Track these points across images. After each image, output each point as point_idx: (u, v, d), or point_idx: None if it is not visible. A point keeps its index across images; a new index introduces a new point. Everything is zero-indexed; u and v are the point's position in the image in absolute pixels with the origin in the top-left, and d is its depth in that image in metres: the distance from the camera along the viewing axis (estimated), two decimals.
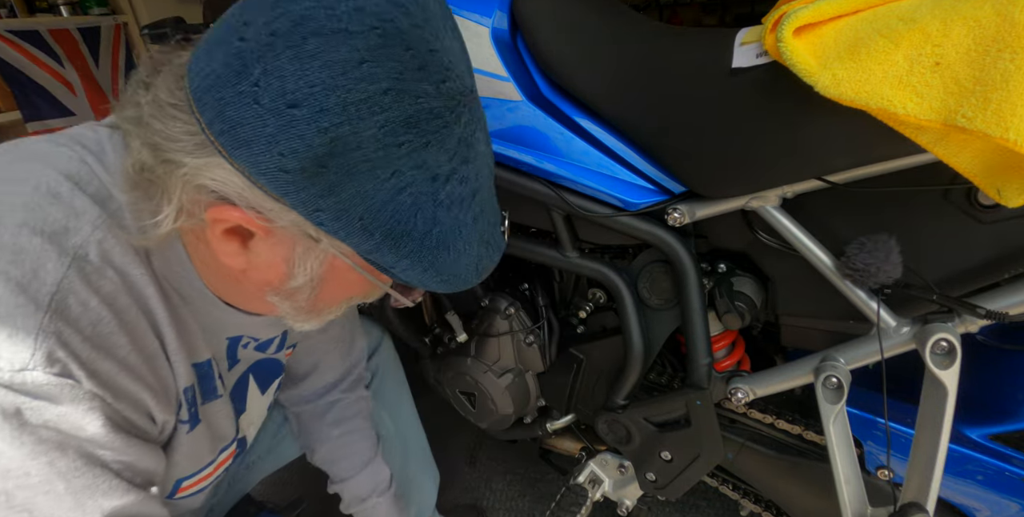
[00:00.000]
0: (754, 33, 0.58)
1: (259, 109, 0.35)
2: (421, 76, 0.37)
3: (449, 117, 0.39)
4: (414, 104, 0.37)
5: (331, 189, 0.37)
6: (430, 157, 0.39)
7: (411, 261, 0.42)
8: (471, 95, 0.42)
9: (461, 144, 0.41)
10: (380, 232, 0.39)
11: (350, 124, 0.36)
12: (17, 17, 2.12)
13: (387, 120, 0.36)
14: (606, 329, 0.90)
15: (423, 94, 0.38)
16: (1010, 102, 0.41)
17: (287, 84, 0.35)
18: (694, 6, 3.67)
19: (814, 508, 0.81)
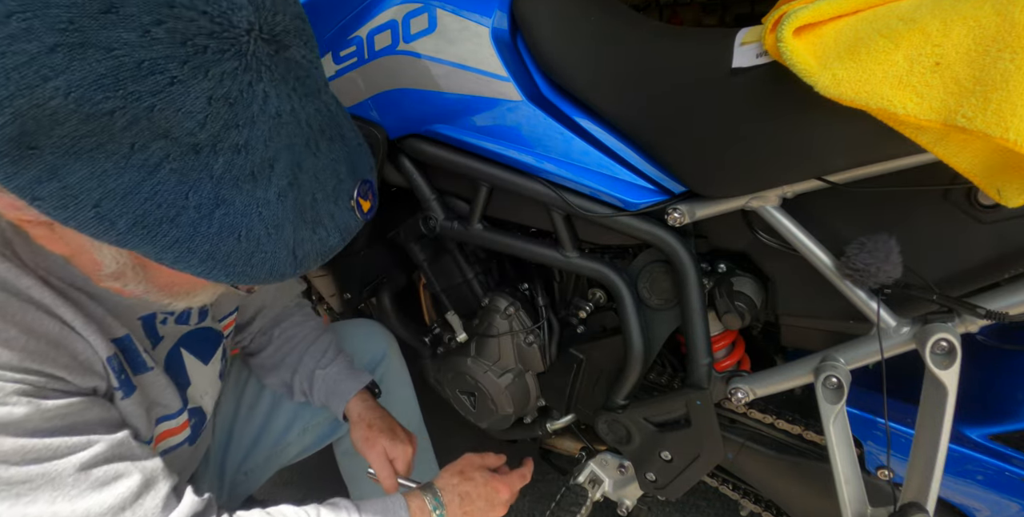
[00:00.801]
0: (754, 33, 0.58)
1: None
2: (110, 21, 0.29)
3: (178, 71, 0.31)
4: (104, 60, 0.30)
5: (53, 173, 0.31)
6: (169, 124, 0.32)
7: (181, 252, 0.35)
8: (247, 36, 0.33)
9: (217, 103, 0.33)
10: (126, 220, 0.33)
11: (23, 96, 0.29)
12: None
13: (69, 83, 0.29)
14: (606, 329, 0.90)
15: (118, 44, 0.30)
16: (1010, 102, 0.41)
17: None
18: (694, 6, 3.67)
19: (814, 508, 0.81)
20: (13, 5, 0.28)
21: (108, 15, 0.29)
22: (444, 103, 0.74)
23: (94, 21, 0.29)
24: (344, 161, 0.42)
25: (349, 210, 0.43)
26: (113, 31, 0.30)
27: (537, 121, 0.70)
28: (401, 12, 0.72)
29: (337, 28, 0.78)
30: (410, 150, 0.81)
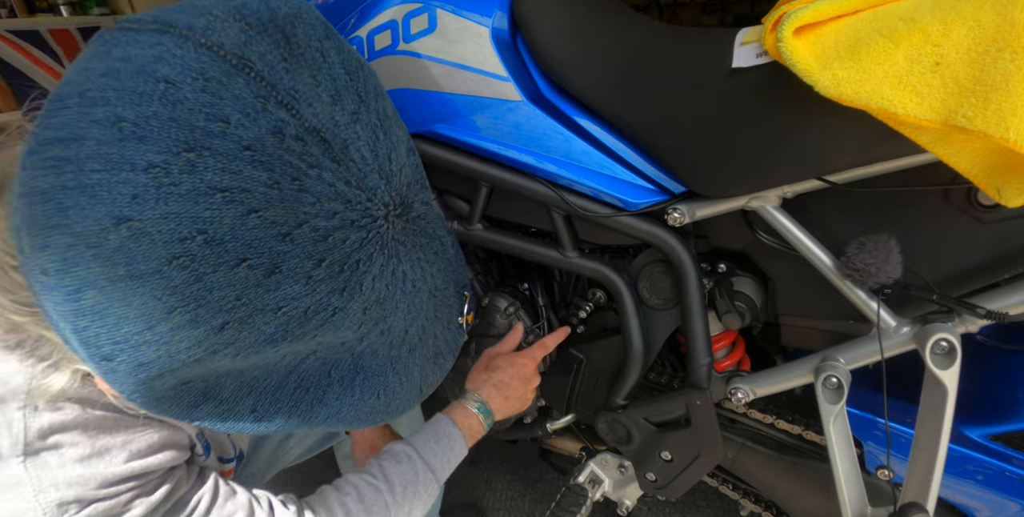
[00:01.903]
0: (754, 33, 0.58)
1: (76, 344, 0.29)
2: (275, 282, 0.28)
3: (339, 300, 0.30)
4: (272, 320, 0.29)
5: (205, 396, 0.31)
6: (325, 339, 0.32)
7: (333, 421, 0.36)
8: (384, 224, 0.31)
9: (370, 310, 0.32)
10: (282, 415, 0.34)
11: (192, 368, 0.29)
12: (17, 17, 2.13)
13: (239, 349, 0.29)
14: (606, 329, 0.90)
15: (285, 301, 0.29)
16: (1010, 102, 0.41)
17: (86, 338, 0.28)
18: (694, 6, 3.67)
19: (814, 508, 0.81)
20: (174, 301, 0.26)
21: (273, 277, 0.28)
22: (444, 103, 0.74)
23: (260, 288, 0.27)
24: (453, 282, 0.41)
25: (459, 328, 0.43)
26: (279, 291, 0.28)
27: (537, 121, 0.70)
28: (401, 12, 0.72)
29: (337, 28, 0.78)
30: None
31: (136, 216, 0.25)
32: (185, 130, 0.25)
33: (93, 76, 0.26)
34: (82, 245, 0.25)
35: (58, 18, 2.23)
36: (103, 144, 0.25)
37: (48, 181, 0.26)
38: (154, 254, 0.25)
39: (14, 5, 2.12)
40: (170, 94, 0.26)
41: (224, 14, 0.28)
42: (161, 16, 0.28)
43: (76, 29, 2.20)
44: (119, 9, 2.41)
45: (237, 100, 0.26)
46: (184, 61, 0.26)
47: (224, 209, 0.26)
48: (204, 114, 0.26)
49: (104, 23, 2.30)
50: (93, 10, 2.32)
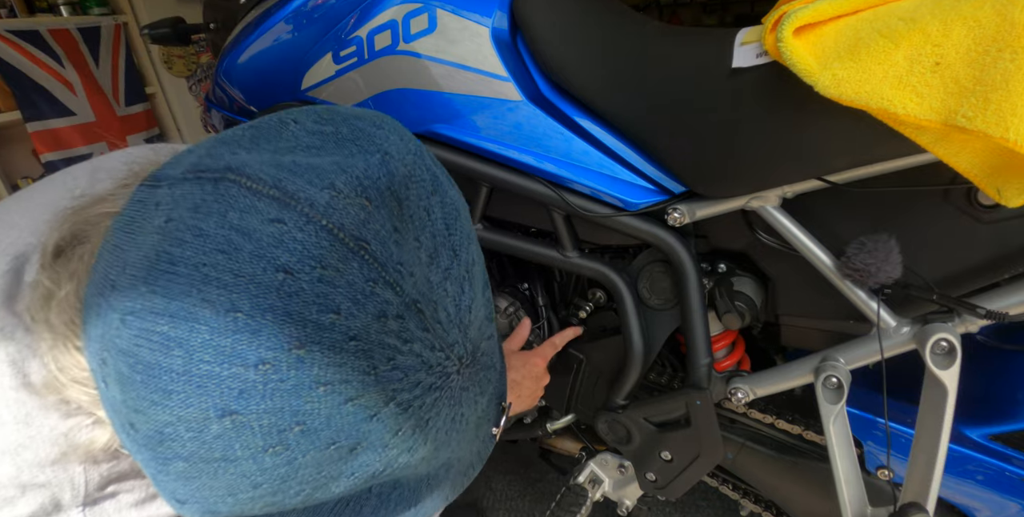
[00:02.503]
0: (754, 33, 0.58)
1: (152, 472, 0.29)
2: (357, 465, 0.29)
3: (412, 459, 0.31)
4: (345, 485, 0.29)
5: None
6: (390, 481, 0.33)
7: None
8: (456, 376, 0.31)
9: (430, 460, 0.33)
10: None
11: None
12: (17, 17, 2.13)
13: (312, 505, 0.30)
14: (606, 329, 0.90)
15: (360, 470, 0.29)
16: (1010, 102, 0.41)
17: (161, 486, 0.29)
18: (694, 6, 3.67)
19: (814, 508, 0.81)
20: (261, 480, 0.27)
21: (354, 451, 0.28)
22: (444, 103, 0.74)
23: (341, 462, 0.28)
24: (496, 397, 0.40)
25: (492, 439, 0.42)
26: (356, 460, 0.28)
27: (537, 121, 0.70)
28: (401, 12, 0.72)
29: (337, 28, 0.78)
30: None
31: (241, 410, 0.25)
32: (298, 326, 0.25)
33: (209, 248, 0.25)
34: (181, 426, 0.25)
35: (58, 18, 2.22)
36: (216, 334, 0.24)
37: (155, 357, 0.25)
38: (252, 444, 0.26)
39: (14, 5, 2.12)
40: (288, 286, 0.25)
41: (347, 188, 0.27)
42: (282, 181, 0.26)
43: (76, 29, 2.20)
44: (119, 9, 2.41)
45: (349, 287, 0.26)
46: (304, 247, 0.25)
47: (323, 401, 0.26)
48: (317, 306, 0.25)
49: (104, 23, 2.30)
50: (93, 10, 2.32)
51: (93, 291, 0.28)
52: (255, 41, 0.88)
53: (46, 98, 2.10)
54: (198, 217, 0.26)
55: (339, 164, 0.28)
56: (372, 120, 0.32)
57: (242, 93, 0.95)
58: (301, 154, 0.28)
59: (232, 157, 0.28)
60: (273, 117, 0.32)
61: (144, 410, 0.26)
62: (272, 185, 0.26)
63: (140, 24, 2.36)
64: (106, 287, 0.27)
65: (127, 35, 2.41)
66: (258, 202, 0.26)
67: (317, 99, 0.84)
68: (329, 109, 0.32)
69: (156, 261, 0.25)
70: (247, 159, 0.27)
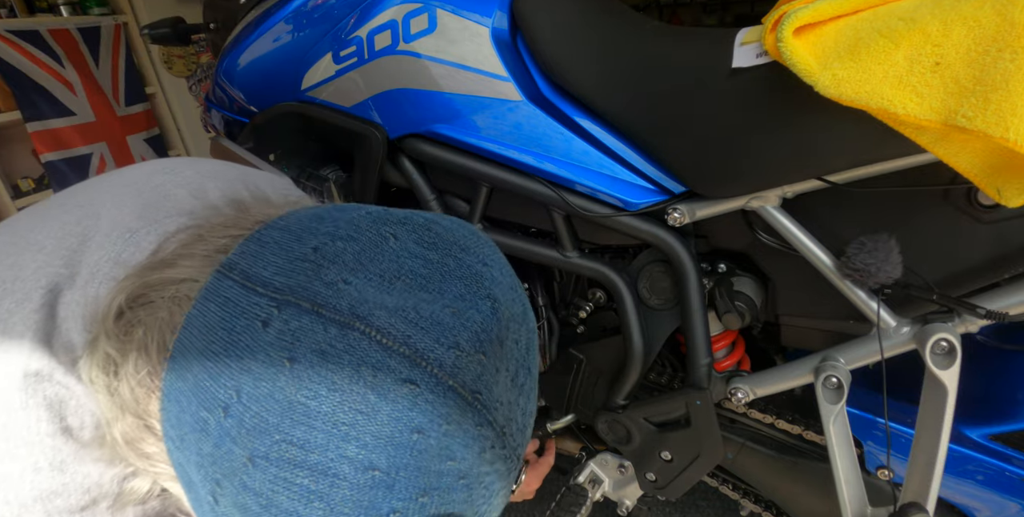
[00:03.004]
0: (754, 33, 0.58)
1: None
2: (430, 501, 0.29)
3: None
4: None
5: None
6: None
7: None
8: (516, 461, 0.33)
9: None
10: None
11: None
12: (17, 17, 2.13)
13: None
14: (606, 329, 0.90)
15: None
16: (1010, 102, 0.41)
17: None
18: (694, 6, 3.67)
19: (814, 508, 0.81)
20: None
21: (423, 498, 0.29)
22: (444, 103, 0.74)
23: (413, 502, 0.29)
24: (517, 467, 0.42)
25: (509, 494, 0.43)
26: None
27: (537, 121, 0.70)
28: (401, 12, 0.72)
29: (337, 28, 0.78)
30: (410, 150, 0.81)
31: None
32: (424, 477, 0.27)
33: (348, 407, 0.26)
34: None
35: (58, 18, 2.23)
36: (355, 489, 0.26)
37: (294, 506, 0.26)
38: None
39: (14, 5, 2.12)
40: (419, 444, 0.27)
41: (468, 346, 0.29)
42: (411, 338, 0.27)
43: (76, 29, 2.20)
44: (119, 9, 2.41)
45: (465, 435, 0.28)
46: (435, 407, 0.27)
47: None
48: (440, 457, 0.27)
49: (104, 23, 2.30)
50: (93, 10, 2.32)
51: (194, 403, 0.28)
52: (255, 41, 0.88)
53: (46, 98, 2.10)
54: (329, 367, 0.26)
55: (457, 316, 0.29)
56: (476, 253, 0.33)
57: (242, 93, 0.95)
58: (412, 291, 0.29)
59: (347, 289, 0.28)
60: (366, 223, 0.31)
61: None
62: (402, 342, 0.27)
63: (140, 24, 2.36)
64: (215, 408, 0.27)
65: (127, 35, 2.41)
66: (390, 360, 0.27)
67: (317, 99, 0.84)
68: (428, 228, 0.32)
69: (290, 410, 0.26)
70: (367, 297, 0.28)
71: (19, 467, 0.35)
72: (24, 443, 0.35)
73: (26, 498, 0.35)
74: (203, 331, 0.29)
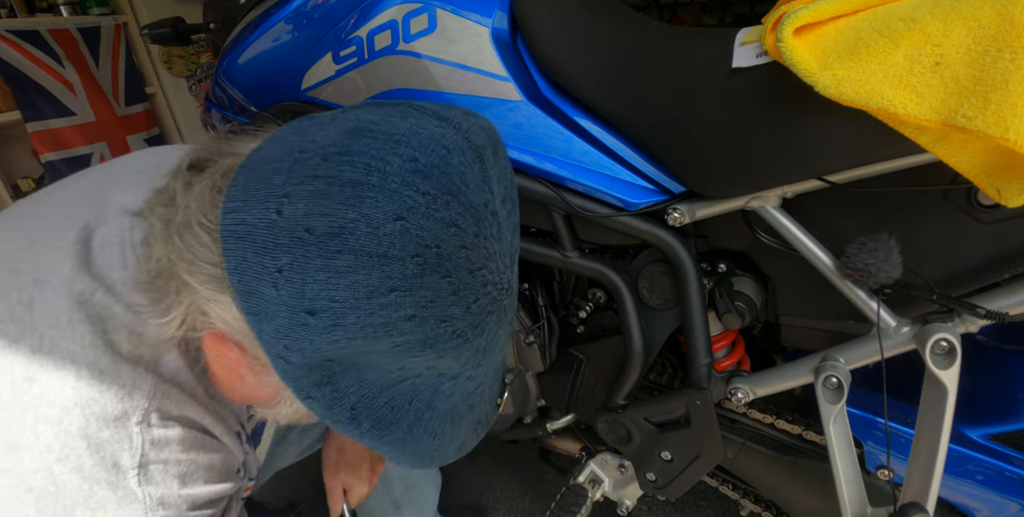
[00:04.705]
0: (754, 33, 0.58)
1: (276, 296, 0.33)
2: (453, 301, 0.36)
3: (471, 334, 0.37)
4: (436, 328, 0.35)
5: (329, 379, 0.36)
6: (442, 364, 0.38)
7: (392, 447, 0.40)
8: (505, 294, 0.40)
9: (478, 353, 0.39)
10: (368, 422, 0.38)
11: (364, 341, 0.34)
12: (17, 17, 2.13)
13: (403, 341, 0.35)
14: (606, 329, 0.90)
15: (448, 318, 0.36)
16: (1010, 102, 0.41)
17: (308, 290, 0.33)
18: (694, 6, 3.67)
19: (814, 508, 0.81)
20: (398, 282, 0.33)
21: (453, 297, 0.35)
22: (444, 103, 0.74)
23: (444, 300, 0.35)
24: (503, 368, 0.47)
25: (495, 408, 0.48)
26: (450, 308, 0.35)
27: (537, 121, 0.70)
28: (401, 12, 0.72)
29: (337, 28, 0.78)
30: None
31: (408, 217, 0.34)
32: (448, 178, 0.36)
33: (396, 121, 0.37)
34: (362, 222, 0.33)
35: (58, 18, 2.22)
36: (402, 173, 0.34)
37: (351, 175, 0.34)
38: (406, 248, 0.33)
39: (14, 5, 2.12)
40: (444, 156, 0.36)
41: (468, 125, 0.40)
42: (441, 112, 0.40)
43: (76, 29, 2.20)
44: (119, 9, 2.41)
45: (473, 176, 0.38)
46: (454, 141, 0.38)
47: (451, 238, 0.35)
48: (456, 172, 0.37)
49: (104, 23, 2.30)
50: (93, 10, 2.32)
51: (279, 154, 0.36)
52: (255, 41, 0.88)
53: (46, 98, 2.10)
54: (384, 111, 0.39)
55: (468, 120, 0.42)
56: None
57: (242, 93, 0.95)
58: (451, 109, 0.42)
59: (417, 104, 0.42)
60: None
61: (327, 210, 0.33)
62: (434, 114, 0.40)
63: (140, 24, 2.36)
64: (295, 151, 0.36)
65: (127, 35, 2.41)
66: (425, 116, 0.39)
67: (317, 99, 0.84)
68: None
69: (350, 131, 0.36)
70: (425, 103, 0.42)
71: (63, 374, 0.40)
72: (69, 353, 0.40)
73: (68, 401, 0.40)
74: (272, 142, 0.38)
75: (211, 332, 0.40)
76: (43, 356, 0.41)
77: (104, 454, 0.41)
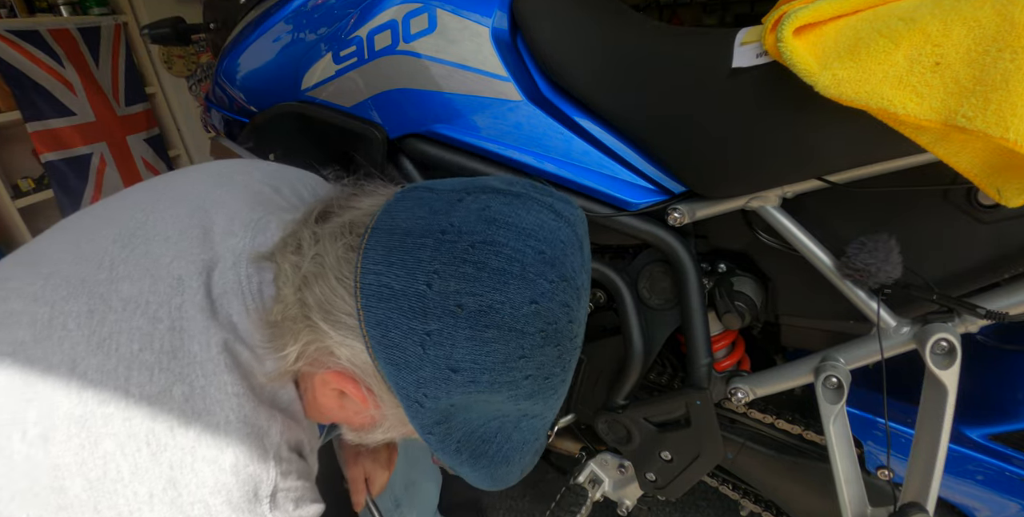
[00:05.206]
0: (754, 33, 0.58)
1: (422, 353, 0.39)
2: (557, 362, 0.42)
3: (561, 387, 0.45)
4: (542, 383, 0.42)
5: (447, 419, 0.42)
6: (532, 406, 0.44)
7: (478, 473, 0.47)
8: (579, 348, 0.46)
9: (559, 399, 0.46)
10: (467, 452, 0.45)
11: (489, 393, 0.41)
12: (17, 17, 2.13)
13: (517, 394, 0.42)
14: (606, 329, 0.90)
15: (551, 375, 0.43)
16: (1010, 102, 0.41)
17: (456, 352, 0.39)
18: (694, 6, 3.68)
19: (814, 508, 0.81)
20: (526, 351, 0.40)
21: (558, 360, 0.42)
22: (444, 103, 0.74)
23: (552, 364, 0.42)
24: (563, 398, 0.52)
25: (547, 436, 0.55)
26: (554, 368, 0.42)
27: (537, 121, 0.70)
28: (401, 12, 0.72)
29: (337, 28, 0.78)
30: (410, 150, 0.81)
31: (539, 301, 0.40)
32: (564, 267, 0.42)
33: (522, 214, 0.42)
34: (507, 304, 0.39)
35: (58, 18, 2.23)
36: (535, 265, 0.40)
37: (497, 264, 0.40)
38: (535, 325, 0.40)
39: (14, 5, 2.12)
40: (562, 249, 0.42)
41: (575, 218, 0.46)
42: (556, 206, 0.44)
43: (76, 29, 2.20)
44: (119, 9, 2.41)
45: (579, 262, 0.44)
46: (568, 235, 0.44)
47: (564, 315, 0.42)
48: (569, 262, 0.43)
49: (104, 23, 2.30)
50: (93, 10, 2.32)
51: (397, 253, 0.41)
52: (255, 41, 0.88)
53: (46, 98, 2.10)
54: (511, 201, 0.43)
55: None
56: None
57: (242, 93, 0.95)
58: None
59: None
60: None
61: (476, 302, 0.39)
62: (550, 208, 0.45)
63: (140, 24, 2.36)
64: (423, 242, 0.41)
65: (127, 35, 2.41)
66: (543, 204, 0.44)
67: (317, 99, 0.84)
68: None
69: (493, 219, 0.41)
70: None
71: (215, 420, 0.45)
72: (217, 401, 0.45)
73: (221, 443, 0.44)
74: (400, 211, 0.43)
75: (333, 371, 0.45)
76: (196, 403, 0.44)
77: (248, 488, 0.46)
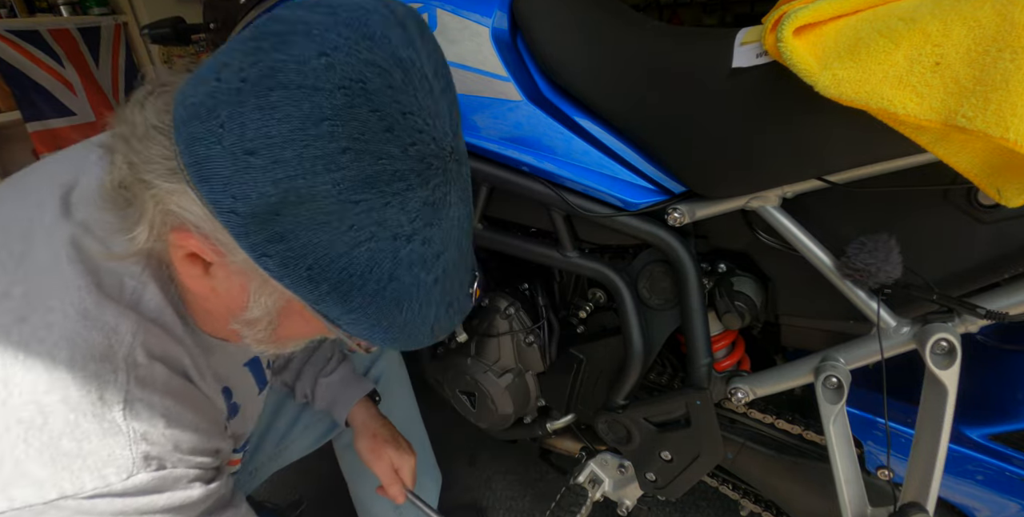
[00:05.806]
0: (754, 33, 0.58)
1: (220, 150, 0.36)
2: (386, 138, 0.38)
3: (414, 180, 0.39)
4: (374, 165, 0.37)
5: (282, 237, 0.37)
6: (390, 216, 0.39)
7: (358, 315, 0.41)
8: (449, 157, 0.42)
9: (426, 207, 0.40)
10: (328, 283, 0.39)
11: (304, 178, 0.36)
12: (17, 17, 2.13)
13: (344, 178, 0.37)
14: (606, 329, 0.90)
15: (386, 156, 0.38)
16: (1010, 102, 0.41)
17: (247, 131, 0.35)
18: (694, 6, 3.68)
19: (814, 508, 0.81)
20: (328, 112, 0.36)
21: (386, 133, 0.38)
22: None
23: (376, 136, 0.37)
24: (470, 253, 0.49)
25: (468, 296, 0.50)
26: (386, 146, 0.38)
27: (537, 121, 0.70)
28: None
29: None
30: None
31: (331, 54, 0.36)
32: (367, 28, 0.38)
33: (324, 13, 0.38)
34: (289, 61, 0.36)
35: (58, 18, 2.22)
36: (324, 23, 0.38)
37: (278, 28, 0.37)
38: (332, 80, 0.36)
39: (14, 5, 2.12)
40: (363, 14, 0.39)
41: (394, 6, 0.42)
42: None
43: (76, 29, 2.20)
44: (119, 9, 2.41)
45: (396, 36, 0.40)
46: (373, 5, 0.40)
47: (376, 77, 0.37)
48: (377, 27, 0.39)
49: (104, 23, 2.29)
50: (93, 10, 2.32)
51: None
52: None
53: (46, 98, 2.10)
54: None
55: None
56: None
57: None
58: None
59: None
60: None
61: (259, 58, 0.36)
62: None
63: (140, 24, 2.35)
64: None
65: (127, 35, 2.41)
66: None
67: None
68: None
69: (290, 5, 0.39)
70: None
71: (52, 314, 0.44)
72: (57, 294, 0.45)
73: (56, 338, 0.44)
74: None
75: (175, 230, 0.42)
76: (33, 299, 0.45)
77: (90, 387, 0.43)
